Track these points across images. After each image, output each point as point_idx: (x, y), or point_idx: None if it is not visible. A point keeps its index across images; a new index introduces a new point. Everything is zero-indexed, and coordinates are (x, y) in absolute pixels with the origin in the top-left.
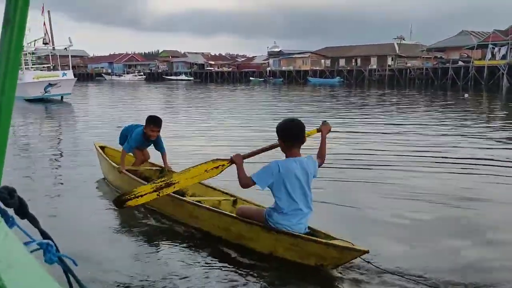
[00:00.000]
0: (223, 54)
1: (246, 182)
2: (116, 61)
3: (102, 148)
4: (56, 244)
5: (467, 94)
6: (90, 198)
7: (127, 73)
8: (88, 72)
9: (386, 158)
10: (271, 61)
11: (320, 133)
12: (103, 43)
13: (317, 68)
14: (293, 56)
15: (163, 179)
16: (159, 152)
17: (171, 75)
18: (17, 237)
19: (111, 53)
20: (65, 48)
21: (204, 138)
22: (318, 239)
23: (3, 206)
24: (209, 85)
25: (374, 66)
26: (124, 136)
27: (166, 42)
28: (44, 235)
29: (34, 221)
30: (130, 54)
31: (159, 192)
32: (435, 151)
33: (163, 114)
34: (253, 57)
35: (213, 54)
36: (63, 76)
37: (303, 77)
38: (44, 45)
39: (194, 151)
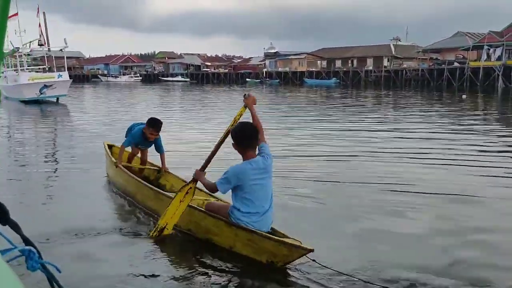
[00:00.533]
0: (220, 55)
1: (211, 188)
2: (112, 63)
3: (110, 147)
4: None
5: (464, 95)
6: (85, 198)
7: (123, 75)
8: (84, 73)
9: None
10: (267, 62)
11: (248, 108)
12: (99, 44)
13: (313, 69)
14: (290, 57)
15: (153, 230)
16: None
17: (167, 76)
18: None
19: (107, 54)
20: (61, 50)
21: (200, 139)
22: (271, 236)
23: None
24: (205, 86)
25: (370, 67)
26: (129, 132)
27: (162, 43)
28: (27, 241)
29: (15, 228)
30: (126, 55)
31: (159, 234)
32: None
33: (159, 115)
34: (250, 58)
35: (209, 55)
36: (58, 77)
37: (300, 78)
38: (39, 46)
39: (191, 153)
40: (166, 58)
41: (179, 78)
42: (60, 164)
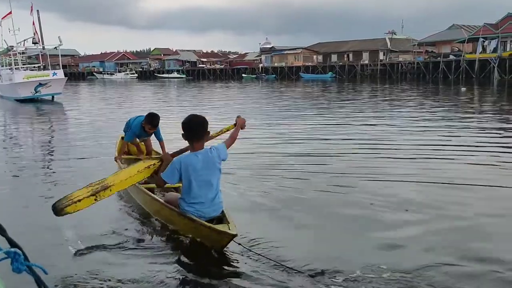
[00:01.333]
0: (215, 51)
1: (159, 181)
2: (108, 60)
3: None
4: (26, 252)
5: (464, 88)
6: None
7: (119, 72)
8: (79, 71)
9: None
10: (263, 57)
11: (235, 126)
12: (94, 42)
13: (309, 64)
14: (285, 52)
15: (97, 182)
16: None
17: (163, 73)
18: None
19: (103, 52)
20: (55, 47)
21: None
22: (204, 222)
23: None
24: (201, 83)
25: (366, 61)
26: (128, 127)
27: (158, 40)
28: (12, 243)
29: (0, 229)
30: (121, 53)
31: (96, 196)
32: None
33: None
34: (245, 54)
35: (205, 52)
36: (53, 75)
37: (296, 73)
38: (33, 44)
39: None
40: (162, 55)
41: (175, 74)
42: (56, 163)
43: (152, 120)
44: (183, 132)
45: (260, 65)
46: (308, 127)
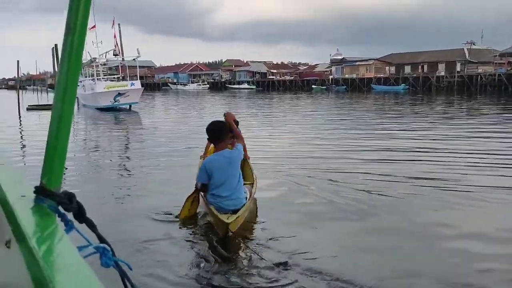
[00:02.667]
0: (285, 63)
1: (198, 187)
2: (181, 71)
3: None
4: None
5: None
6: (153, 204)
7: (192, 83)
8: (155, 81)
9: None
10: (333, 69)
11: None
12: (170, 54)
13: (381, 75)
14: (356, 63)
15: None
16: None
17: (234, 84)
18: (71, 241)
19: (177, 63)
20: (134, 59)
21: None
22: (213, 209)
23: (62, 211)
24: (271, 94)
25: (442, 73)
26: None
27: (229, 51)
28: (101, 239)
29: (91, 226)
30: (194, 64)
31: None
32: None
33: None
34: (316, 65)
35: (275, 63)
36: (131, 86)
37: (367, 84)
38: (114, 56)
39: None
40: (233, 66)
41: (245, 85)
42: (132, 168)
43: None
44: (207, 136)
45: (330, 77)
46: (385, 140)
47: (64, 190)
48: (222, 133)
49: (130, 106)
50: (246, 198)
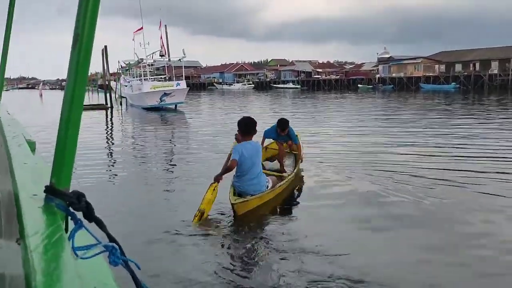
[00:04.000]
0: (331, 62)
1: (229, 167)
2: (227, 71)
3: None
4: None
5: None
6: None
7: (237, 82)
8: (200, 81)
9: None
10: (380, 67)
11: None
12: (216, 54)
13: (430, 74)
14: (404, 62)
15: (196, 214)
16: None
17: (279, 83)
18: (79, 240)
19: (222, 63)
20: (180, 60)
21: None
22: (231, 193)
23: (72, 210)
24: (316, 93)
25: (495, 71)
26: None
27: (274, 51)
28: (110, 238)
29: (100, 225)
30: (240, 64)
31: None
32: None
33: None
34: (362, 64)
35: (320, 62)
36: (177, 86)
37: (415, 83)
38: (160, 57)
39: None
40: (278, 66)
41: (290, 85)
42: (175, 167)
43: (280, 124)
44: (238, 130)
45: (377, 76)
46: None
47: (73, 190)
48: (252, 129)
49: (176, 105)
50: (268, 187)
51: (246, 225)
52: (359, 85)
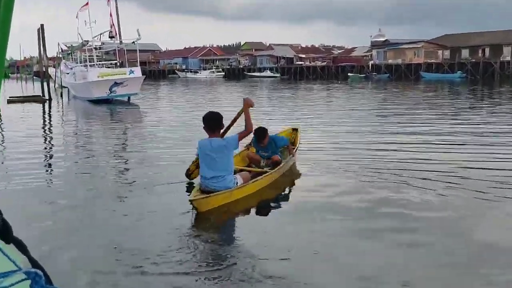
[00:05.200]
0: (316, 46)
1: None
2: (192, 56)
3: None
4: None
5: None
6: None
7: (204, 70)
8: (159, 68)
9: None
10: (374, 53)
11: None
12: (177, 36)
13: (432, 61)
14: (402, 46)
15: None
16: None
17: (254, 71)
18: None
19: (186, 47)
20: (133, 42)
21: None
22: (194, 188)
23: None
24: (298, 83)
25: (508, 58)
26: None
27: (249, 32)
28: (33, 263)
29: (20, 247)
30: (207, 48)
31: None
32: None
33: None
34: (353, 48)
35: (304, 46)
36: (130, 74)
37: (415, 72)
38: (110, 38)
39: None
40: (253, 50)
41: (268, 73)
42: (128, 173)
43: (256, 134)
44: (203, 125)
45: (371, 62)
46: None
47: None
48: (213, 125)
49: (129, 98)
50: (237, 184)
51: (207, 226)
52: (349, 74)
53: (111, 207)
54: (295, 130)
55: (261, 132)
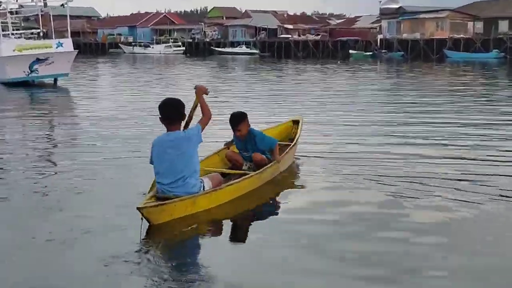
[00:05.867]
0: (308, 14)
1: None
2: (141, 25)
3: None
4: None
5: None
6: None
7: (158, 43)
8: (98, 41)
9: None
10: (384, 24)
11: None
12: None
13: (460, 35)
14: (421, 16)
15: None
16: None
17: (224, 47)
18: None
19: (134, 13)
20: (62, 5)
21: None
22: (148, 193)
23: None
24: (283, 63)
25: None
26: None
27: None
28: None
29: None
30: (161, 14)
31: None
32: None
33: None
34: (356, 18)
35: (291, 14)
36: (57, 47)
37: (438, 49)
38: (31, 0)
39: None
40: (224, 18)
41: (243, 49)
42: (55, 178)
43: (230, 120)
44: (159, 116)
45: (379, 37)
46: None
47: None
48: (171, 115)
49: (56, 79)
50: (203, 189)
51: (161, 248)
52: (351, 51)
53: (29, 229)
54: (295, 122)
55: (234, 117)
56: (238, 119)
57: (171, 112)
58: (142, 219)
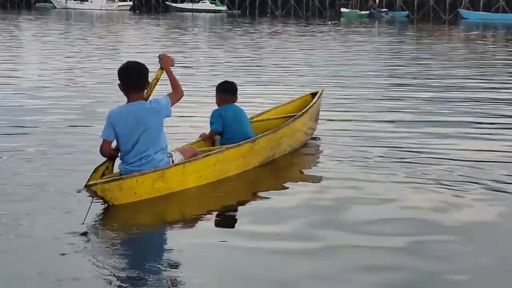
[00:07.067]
0: None
1: (103, 148)
2: None
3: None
4: None
5: None
6: None
7: None
8: None
9: None
10: None
11: (164, 71)
12: None
13: None
14: None
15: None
16: None
17: (183, 2)
18: None
19: None
20: None
21: None
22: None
23: None
24: (257, 23)
25: None
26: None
27: None
28: None
29: None
30: None
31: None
32: None
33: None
34: None
35: None
36: None
37: (451, 9)
38: None
39: None
40: None
41: (207, 4)
42: None
43: (223, 89)
44: (119, 82)
45: None
46: None
47: None
48: (136, 80)
49: None
50: (172, 162)
51: (122, 242)
52: (341, 10)
53: None
54: (313, 95)
55: (228, 84)
56: (233, 88)
57: (135, 77)
58: (92, 201)
